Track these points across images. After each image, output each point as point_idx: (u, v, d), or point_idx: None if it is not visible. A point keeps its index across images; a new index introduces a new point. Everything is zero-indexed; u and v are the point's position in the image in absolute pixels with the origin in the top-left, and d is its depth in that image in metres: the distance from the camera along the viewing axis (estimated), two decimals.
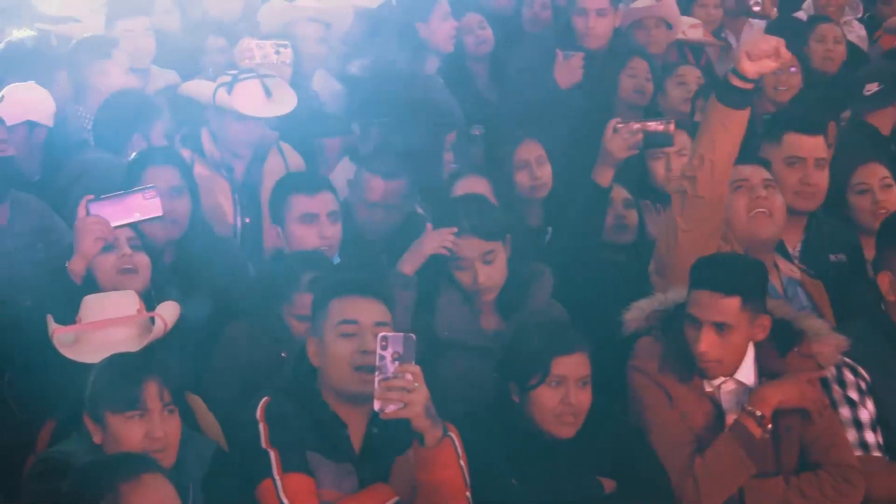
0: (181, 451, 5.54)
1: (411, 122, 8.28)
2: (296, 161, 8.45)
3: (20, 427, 6.17)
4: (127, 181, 7.05)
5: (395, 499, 5.42)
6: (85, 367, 5.85)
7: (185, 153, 8.09)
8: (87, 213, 6.45)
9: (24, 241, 7.36)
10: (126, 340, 6.03)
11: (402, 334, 5.15)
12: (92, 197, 6.58)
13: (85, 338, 6.11)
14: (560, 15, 10.66)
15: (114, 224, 6.44)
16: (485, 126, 9.49)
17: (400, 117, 8.33)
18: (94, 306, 6.14)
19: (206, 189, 7.87)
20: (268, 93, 8.22)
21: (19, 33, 9.57)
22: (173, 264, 7.07)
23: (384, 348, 5.06)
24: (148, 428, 5.38)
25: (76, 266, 6.39)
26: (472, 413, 6.01)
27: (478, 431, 5.71)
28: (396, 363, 5.11)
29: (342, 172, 8.39)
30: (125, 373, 5.52)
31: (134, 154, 7.48)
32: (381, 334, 5.16)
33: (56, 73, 9.08)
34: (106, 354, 5.86)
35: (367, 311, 5.61)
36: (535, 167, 8.13)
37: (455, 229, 6.71)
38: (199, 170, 8.02)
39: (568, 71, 9.19)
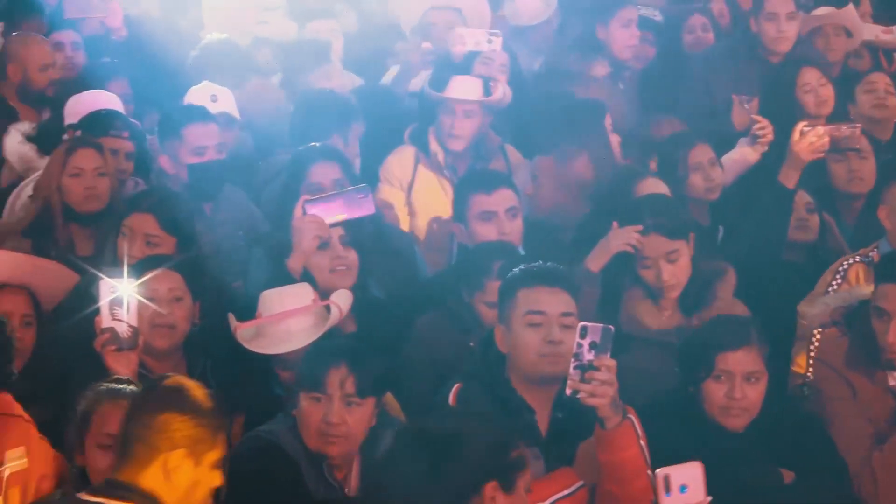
0: (379, 438, 5.72)
1: (582, 122, 8.33)
2: (518, 161, 8.53)
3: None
4: (292, 177, 7.49)
5: (580, 483, 5.52)
6: (267, 360, 6.28)
7: (411, 150, 8.42)
8: (304, 213, 6.79)
9: (227, 231, 7.65)
10: (304, 330, 6.34)
11: (601, 325, 5.29)
12: (309, 197, 6.91)
13: (265, 331, 6.43)
14: (739, 22, 10.82)
15: (329, 222, 6.77)
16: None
17: (572, 116, 8.39)
18: (273, 300, 6.44)
19: (427, 188, 8.23)
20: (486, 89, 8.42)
21: (212, 36, 9.82)
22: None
23: (583, 336, 5.21)
24: (325, 412, 5.63)
25: (295, 263, 6.71)
26: (653, 404, 6.09)
27: (660, 421, 5.79)
28: (593, 352, 5.26)
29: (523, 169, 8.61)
30: (316, 356, 5.81)
31: (297, 150, 7.79)
32: (581, 323, 5.30)
33: (249, 75, 9.40)
34: (286, 345, 6.25)
35: (554, 301, 5.78)
36: (708, 169, 8.18)
37: (640, 227, 6.81)
38: (422, 169, 8.35)
39: (744, 116, 9.14)
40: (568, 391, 5.31)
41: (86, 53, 10.46)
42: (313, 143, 7.95)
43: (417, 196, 8.30)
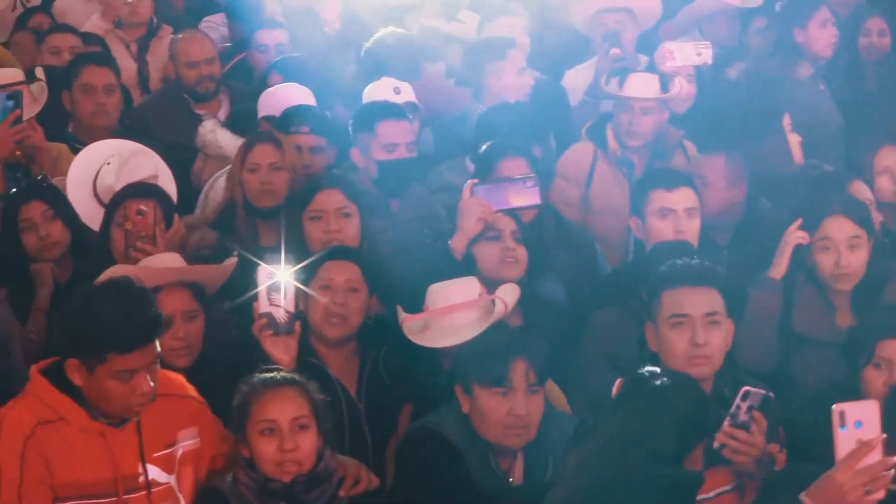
0: (543, 427, 5.89)
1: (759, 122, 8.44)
2: (696, 157, 8.58)
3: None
4: (479, 171, 7.49)
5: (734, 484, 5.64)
6: (435, 352, 6.41)
7: (589, 146, 8.48)
8: (472, 195, 6.96)
9: (412, 228, 7.74)
10: (470, 324, 6.45)
11: (762, 392, 5.44)
12: (476, 181, 7.08)
13: (432, 324, 6.57)
14: None
15: (495, 208, 6.91)
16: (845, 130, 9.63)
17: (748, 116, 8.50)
18: (440, 294, 6.57)
19: (604, 184, 8.29)
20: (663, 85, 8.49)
21: (387, 30, 9.78)
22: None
23: (743, 399, 5.39)
24: (511, 405, 5.77)
25: (458, 244, 6.87)
26: (818, 395, 6.18)
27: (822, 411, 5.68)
28: (748, 415, 5.42)
29: None
30: (496, 350, 5.91)
31: (486, 146, 7.78)
32: (744, 389, 5.45)
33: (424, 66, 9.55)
34: (452, 339, 6.37)
35: (698, 302, 5.88)
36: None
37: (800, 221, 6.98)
38: (600, 165, 8.41)
39: None
40: (716, 444, 5.42)
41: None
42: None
43: (595, 192, 8.35)
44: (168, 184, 7.94)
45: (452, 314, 6.52)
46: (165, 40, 10.98)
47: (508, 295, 6.58)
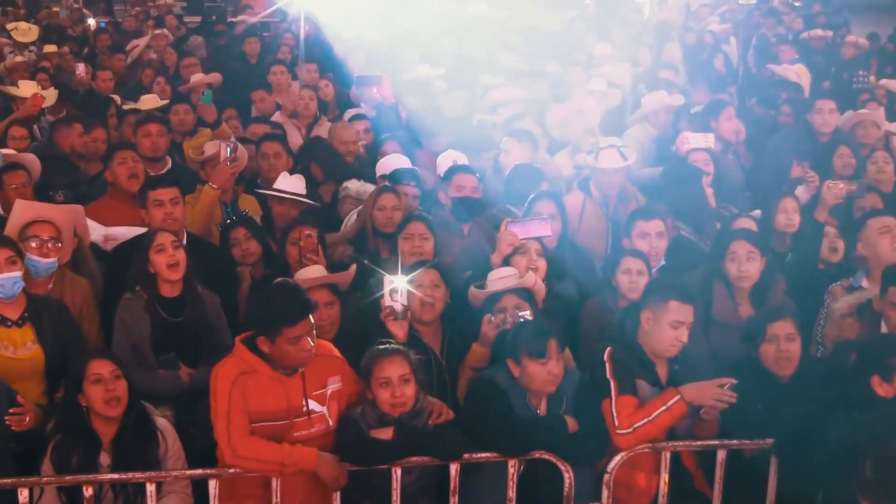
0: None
1: None
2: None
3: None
4: (526, 210, 8.02)
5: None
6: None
7: (580, 194, 8.88)
8: (506, 229, 7.44)
9: (478, 244, 8.11)
10: (509, 280, 6.99)
11: None
12: (510, 220, 7.57)
13: (488, 286, 7.03)
14: None
15: (521, 237, 7.40)
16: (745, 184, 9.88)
17: None
18: (494, 275, 7.06)
19: (591, 217, 8.70)
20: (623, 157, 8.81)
21: None
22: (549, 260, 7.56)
23: None
24: (549, 369, 6.25)
25: (496, 259, 7.35)
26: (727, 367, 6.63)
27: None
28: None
29: None
30: (538, 334, 6.35)
31: (533, 195, 8.20)
32: None
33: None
34: (498, 286, 6.92)
35: (690, 313, 6.42)
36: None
37: None
38: (588, 206, 8.80)
39: None
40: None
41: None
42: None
43: (585, 222, 8.74)
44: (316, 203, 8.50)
45: (502, 279, 6.98)
46: (324, 126, 11.63)
47: (533, 277, 7.04)
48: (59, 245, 7.36)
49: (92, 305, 7.47)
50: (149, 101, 12.38)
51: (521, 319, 6.69)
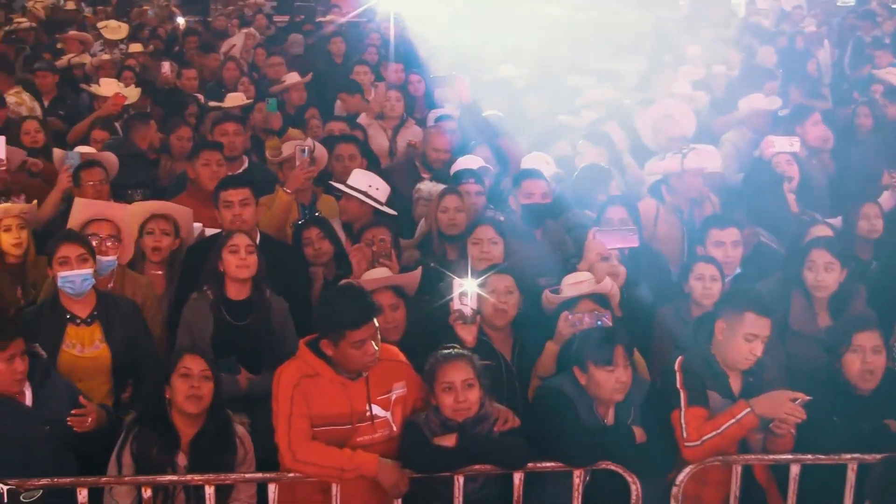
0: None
1: None
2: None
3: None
4: (597, 216, 7.90)
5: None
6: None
7: (652, 201, 8.73)
8: (593, 238, 7.33)
9: (549, 251, 8.04)
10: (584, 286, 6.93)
11: None
12: (597, 228, 7.46)
13: (563, 291, 6.98)
14: None
15: (609, 247, 7.30)
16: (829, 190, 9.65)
17: None
18: (568, 282, 7.00)
19: (665, 224, 8.57)
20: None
21: None
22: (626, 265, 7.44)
23: None
24: (616, 376, 6.14)
25: (582, 267, 7.22)
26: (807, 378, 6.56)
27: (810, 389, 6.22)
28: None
29: None
30: (605, 341, 6.24)
31: (605, 200, 8.16)
32: None
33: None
34: (574, 292, 6.85)
35: (767, 327, 6.25)
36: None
37: None
38: (662, 212, 8.67)
39: None
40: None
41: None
42: None
43: (660, 229, 8.62)
44: (390, 210, 8.49)
45: (577, 283, 6.92)
46: (410, 129, 11.58)
47: (610, 283, 6.96)
48: (118, 243, 7.42)
49: (154, 304, 7.53)
50: (234, 100, 12.47)
51: (599, 322, 6.64)
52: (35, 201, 8.41)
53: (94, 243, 7.24)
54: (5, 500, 5.44)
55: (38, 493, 5.31)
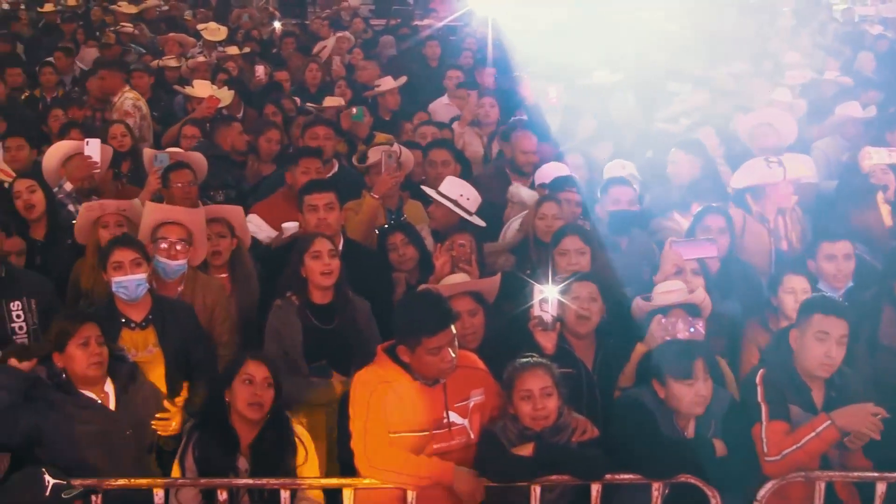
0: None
1: None
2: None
3: None
4: (692, 224, 7.86)
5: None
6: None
7: (739, 210, 8.50)
8: (670, 249, 7.27)
9: (635, 260, 8.01)
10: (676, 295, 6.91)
11: None
12: (674, 239, 7.39)
13: (653, 299, 6.96)
14: None
15: (685, 258, 7.23)
16: None
17: None
18: (659, 290, 6.97)
19: (753, 234, 8.42)
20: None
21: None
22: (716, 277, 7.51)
23: None
24: (696, 390, 6.10)
25: (659, 279, 7.16)
26: None
27: None
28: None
29: None
30: (684, 355, 6.23)
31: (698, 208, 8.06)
32: None
33: None
34: (665, 300, 6.84)
35: (837, 326, 6.16)
36: None
37: None
38: (749, 222, 8.51)
39: None
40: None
41: None
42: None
43: (747, 239, 8.40)
44: (480, 221, 8.44)
45: (669, 293, 6.89)
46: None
47: (702, 294, 6.93)
48: (189, 247, 7.45)
49: (225, 308, 7.54)
50: (331, 103, 12.62)
51: (692, 329, 6.59)
52: (135, 199, 8.51)
53: (163, 247, 7.32)
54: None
55: (76, 490, 5.35)
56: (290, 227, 8.18)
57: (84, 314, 6.33)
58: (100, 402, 6.22)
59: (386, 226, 8.50)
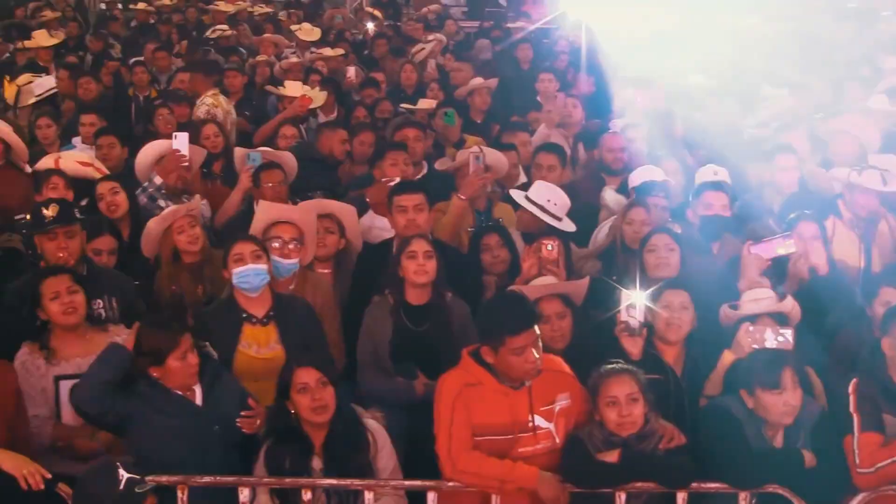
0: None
1: None
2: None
3: None
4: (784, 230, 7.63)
5: None
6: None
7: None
8: (749, 253, 7.26)
9: (727, 264, 7.82)
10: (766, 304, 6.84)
11: None
12: (751, 242, 7.37)
13: (741, 308, 6.89)
14: None
15: (767, 257, 7.23)
16: None
17: None
18: (749, 296, 6.88)
19: (842, 239, 8.29)
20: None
21: None
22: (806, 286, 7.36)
23: None
24: (785, 399, 6.04)
25: (743, 285, 7.12)
26: None
27: None
28: None
29: None
30: (772, 364, 6.15)
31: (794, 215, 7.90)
32: None
33: None
34: (754, 309, 6.77)
35: None
36: None
37: None
38: (839, 227, 8.38)
39: None
40: None
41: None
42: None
43: (836, 244, 8.22)
44: (569, 226, 8.40)
45: (758, 301, 6.83)
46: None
47: (792, 302, 6.86)
48: (301, 246, 7.50)
49: (333, 306, 7.61)
50: (424, 105, 12.71)
51: (781, 338, 6.51)
52: (197, 196, 8.63)
53: (276, 246, 7.40)
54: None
55: (149, 486, 5.35)
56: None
57: (180, 326, 6.34)
58: (187, 398, 6.29)
59: (478, 227, 8.55)
